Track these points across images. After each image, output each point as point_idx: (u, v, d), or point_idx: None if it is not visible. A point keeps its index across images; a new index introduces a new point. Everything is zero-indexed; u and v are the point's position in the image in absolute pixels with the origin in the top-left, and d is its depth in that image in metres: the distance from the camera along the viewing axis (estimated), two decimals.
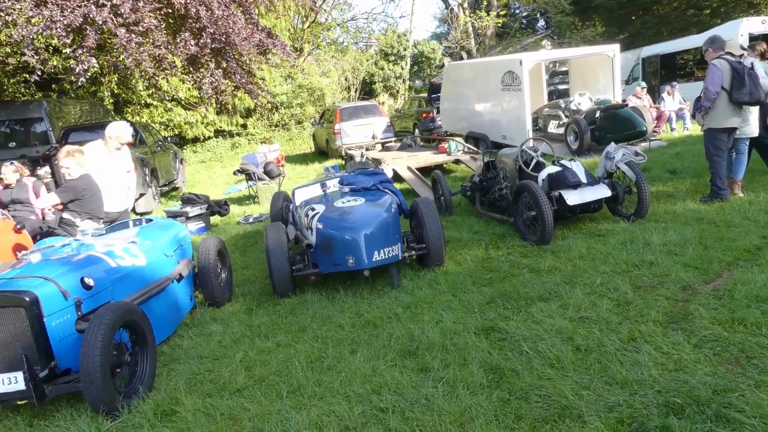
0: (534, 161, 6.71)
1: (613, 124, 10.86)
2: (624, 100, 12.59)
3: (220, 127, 21.81)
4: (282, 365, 3.86)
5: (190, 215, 8.74)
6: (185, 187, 14.53)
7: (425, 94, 20.30)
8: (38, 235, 6.41)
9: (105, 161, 5.96)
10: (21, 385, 3.28)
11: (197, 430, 3.15)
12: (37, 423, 3.45)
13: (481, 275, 5.18)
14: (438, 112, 16.63)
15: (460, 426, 2.85)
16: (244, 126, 23.08)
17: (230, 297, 5.52)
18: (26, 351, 3.29)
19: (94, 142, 6.14)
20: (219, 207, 9.60)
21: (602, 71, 13.11)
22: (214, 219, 9.53)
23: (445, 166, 11.73)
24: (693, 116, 7.09)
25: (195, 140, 21.77)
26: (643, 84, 14.32)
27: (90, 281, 3.76)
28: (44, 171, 10.09)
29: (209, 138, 22.08)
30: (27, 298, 3.31)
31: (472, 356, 3.57)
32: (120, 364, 3.51)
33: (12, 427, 3.42)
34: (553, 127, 12.63)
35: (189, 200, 9.28)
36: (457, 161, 11.42)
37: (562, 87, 17.36)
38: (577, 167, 6.31)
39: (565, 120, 12.03)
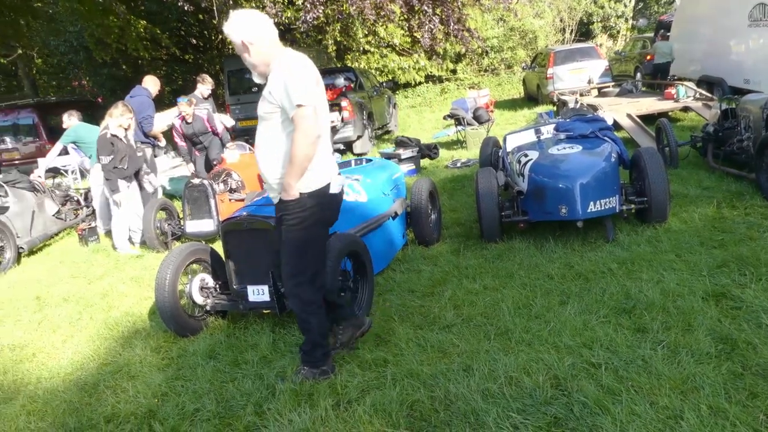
0: None
1: None
2: None
3: (431, 72, 22.10)
4: (489, 307, 3.94)
5: (403, 157, 9.12)
6: (397, 130, 15.15)
7: (650, 34, 18.31)
8: None
9: None
10: (266, 297, 3.84)
11: (409, 357, 3.39)
12: (278, 330, 4.01)
13: (710, 236, 4.68)
14: None
15: (681, 393, 2.67)
16: (454, 71, 23.11)
17: (438, 237, 5.72)
18: (271, 268, 3.81)
19: None
20: (429, 150, 9.89)
21: None
22: (424, 162, 9.84)
23: (671, 113, 10.61)
24: None
25: (406, 85, 22.38)
26: None
27: None
28: None
29: (420, 83, 22.54)
30: (272, 223, 3.80)
31: (698, 322, 3.29)
32: (344, 289, 3.86)
33: (259, 331, 4.03)
34: None
35: (402, 143, 9.69)
36: (685, 108, 10.22)
37: None
38: None
39: None
